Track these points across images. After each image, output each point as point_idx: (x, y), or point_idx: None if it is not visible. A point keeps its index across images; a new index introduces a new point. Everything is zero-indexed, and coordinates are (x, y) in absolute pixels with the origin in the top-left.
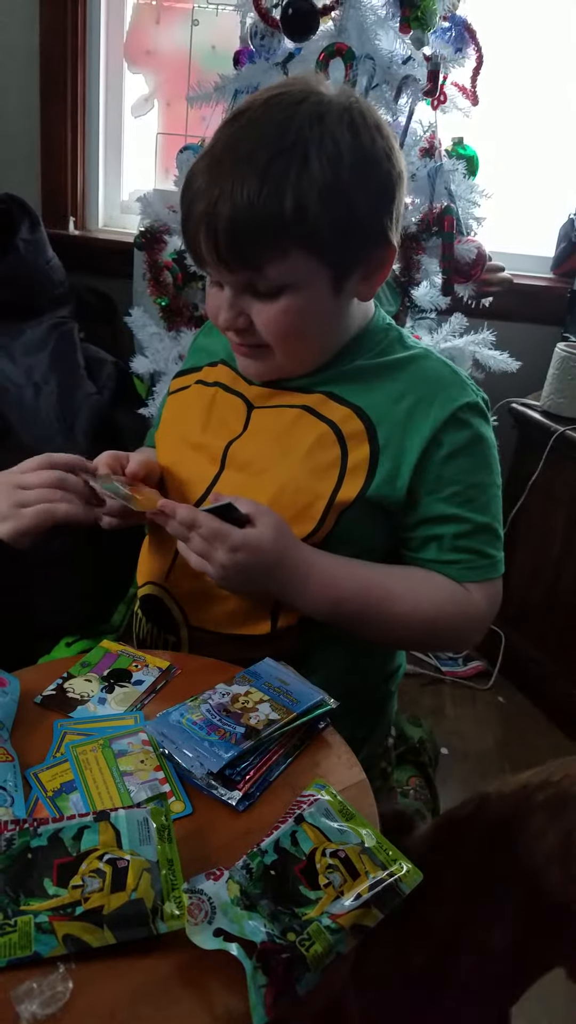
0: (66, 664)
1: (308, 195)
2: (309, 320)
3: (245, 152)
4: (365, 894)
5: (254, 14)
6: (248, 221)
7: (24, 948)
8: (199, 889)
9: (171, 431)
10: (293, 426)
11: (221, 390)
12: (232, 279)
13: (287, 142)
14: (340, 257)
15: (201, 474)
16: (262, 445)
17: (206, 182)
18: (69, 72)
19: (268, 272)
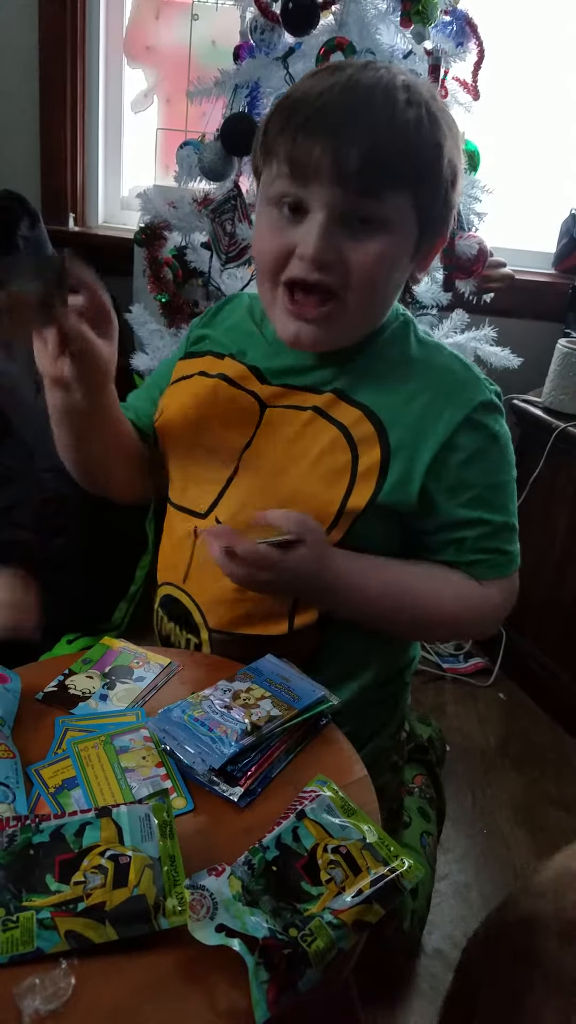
0: (67, 661)
1: (438, 145)
2: (391, 271)
3: (387, 85)
4: (367, 890)
5: (254, 9)
6: (391, 145)
7: (26, 944)
8: (201, 885)
9: (180, 425)
10: (304, 429)
11: (225, 384)
12: (337, 199)
13: (414, 95)
14: (431, 219)
15: (215, 475)
16: (275, 448)
17: (340, 97)
18: (68, 68)
19: (382, 200)
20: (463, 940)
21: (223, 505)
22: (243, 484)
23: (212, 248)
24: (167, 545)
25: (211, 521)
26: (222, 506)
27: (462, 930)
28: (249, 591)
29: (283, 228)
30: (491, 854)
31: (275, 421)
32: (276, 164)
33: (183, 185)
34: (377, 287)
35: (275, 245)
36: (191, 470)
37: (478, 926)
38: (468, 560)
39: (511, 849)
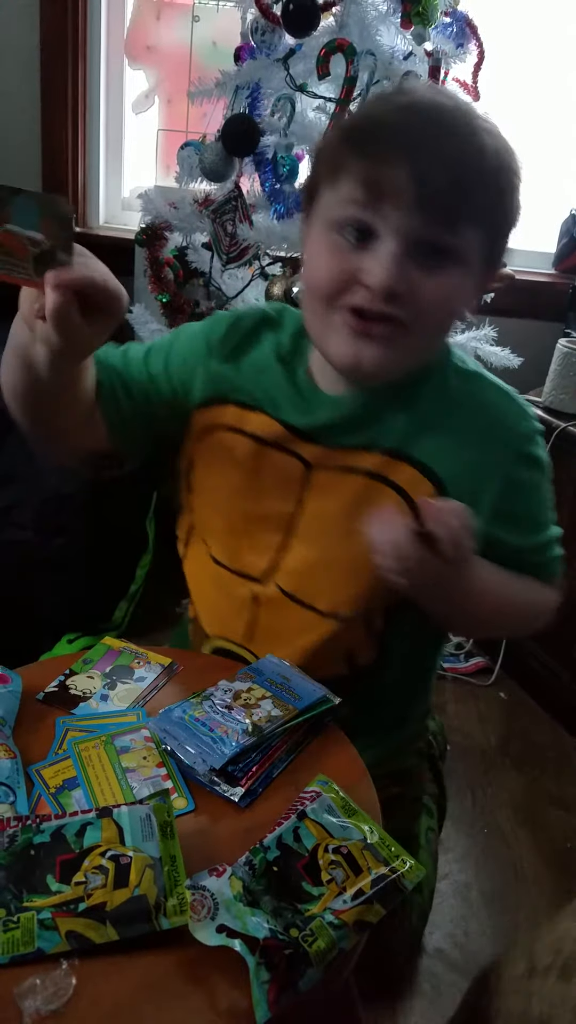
0: (68, 661)
1: (514, 181)
2: (459, 306)
3: (467, 113)
4: (368, 890)
5: (255, 10)
6: (476, 176)
7: (27, 944)
8: (202, 885)
9: (218, 489)
10: (362, 496)
11: (270, 450)
12: (415, 231)
13: (489, 125)
14: (494, 254)
15: (265, 541)
16: (333, 515)
17: (423, 120)
18: (70, 68)
19: (459, 232)
20: (464, 939)
21: (283, 572)
22: (301, 550)
23: (213, 248)
24: (218, 601)
25: (272, 587)
26: (282, 573)
27: (463, 929)
28: (316, 650)
29: (347, 253)
30: (491, 853)
31: (326, 485)
32: (345, 185)
33: (184, 186)
34: (444, 322)
35: (337, 270)
36: (237, 534)
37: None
38: (527, 571)
39: (511, 848)
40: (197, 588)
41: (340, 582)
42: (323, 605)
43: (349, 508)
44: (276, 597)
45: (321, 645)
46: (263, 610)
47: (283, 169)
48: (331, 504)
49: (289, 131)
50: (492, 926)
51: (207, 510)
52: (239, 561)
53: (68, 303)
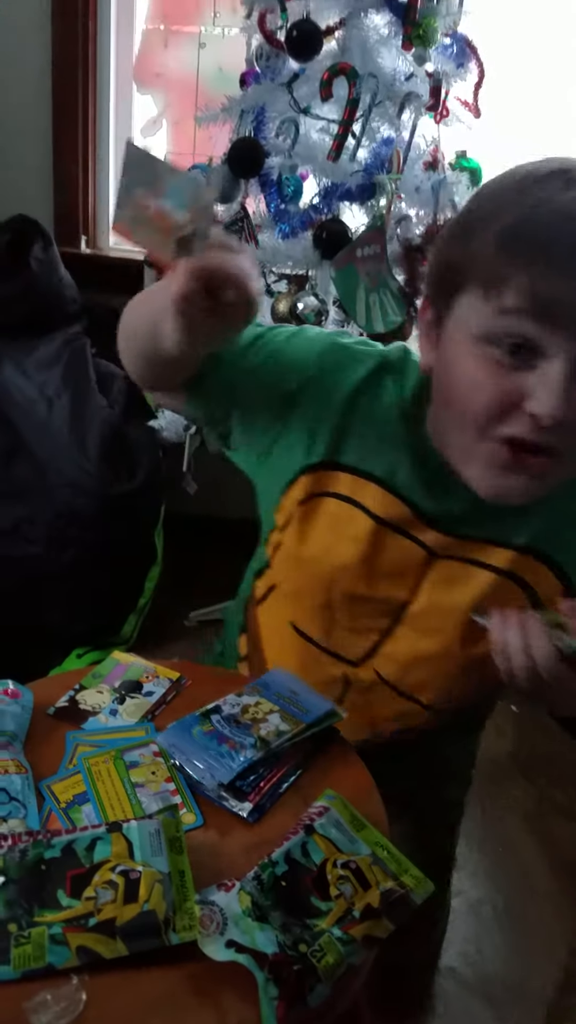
0: (78, 675)
1: None
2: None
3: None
4: (376, 905)
5: (259, 36)
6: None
7: (38, 959)
8: (211, 900)
9: (314, 566)
10: (489, 593)
11: (386, 531)
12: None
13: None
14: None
15: (367, 624)
16: (449, 614)
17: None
18: (80, 94)
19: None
20: (476, 957)
21: (384, 658)
22: (410, 639)
23: None
24: (298, 671)
25: (368, 672)
26: (383, 659)
27: (475, 947)
28: (404, 732)
29: (506, 372)
30: (502, 868)
31: (449, 577)
32: (510, 296)
33: None
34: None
35: (496, 394)
36: (334, 610)
37: None
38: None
39: (523, 862)
40: (269, 643)
41: (451, 677)
42: (426, 697)
43: (473, 604)
44: (372, 682)
45: (410, 727)
46: (353, 692)
47: (288, 190)
48: (453, 597)
49: (293, 152)
50: (505, 944)
51: (300, 578)
52: (332, 640)
53: (194, 292)
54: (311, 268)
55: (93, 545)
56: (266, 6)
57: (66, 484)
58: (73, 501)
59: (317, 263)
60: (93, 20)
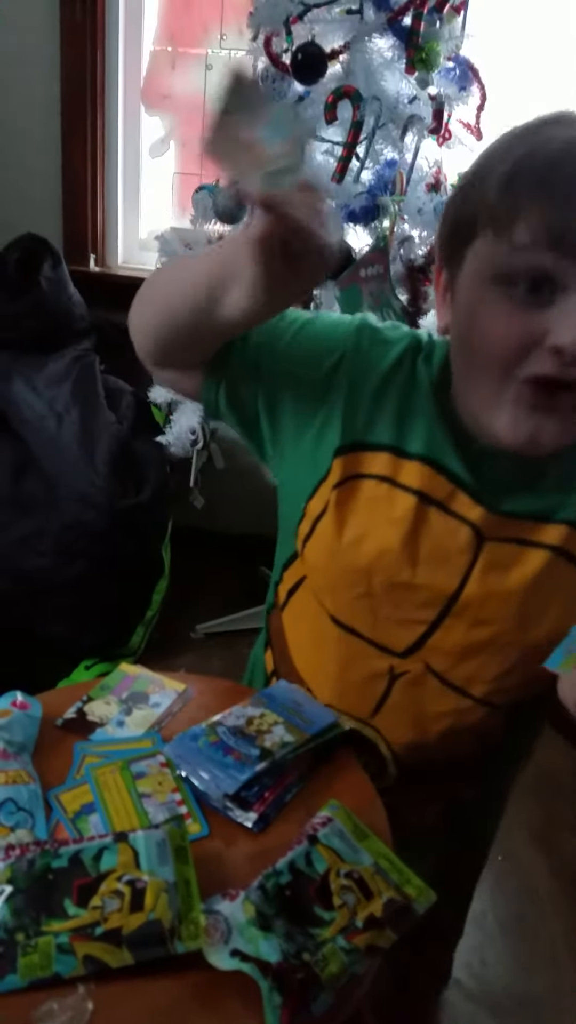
0: (86, 687)
1: None
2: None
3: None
4: (379, 914)
5: (265, 59)
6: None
7: (45, 968)
8: (216, 909)
9: (353, 552)
10: (542, 577)
11: (433, 510)
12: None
13: None
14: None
15: (415, 615)
16: (504, 601)
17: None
18: (89, 116)
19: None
20: (480, 969)
21: (432, 650)
22: (460, 632)
23: None
24: (336, 670)
25: (418, 664)
26: (430, 651)
27: (479, 958)
28: (452, 736)
29: (524, 310)
30: (508, 880)
31: (499, 561)
32: (521, 230)
33: (199, 227)
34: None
35: (514, 332)
36: (377, 599)
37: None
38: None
39: (528, 875)
40: (300, 646)
41: (506, 669)
42: (478, 691)
43: (529, 588)
44: (420, 675)
45: (460, 729)
46: (400, 686)
47: None
48: (507, 582)
49: None
50: (509, 955)
51: (337, 568)
52: (378, 631)
53: (276, 235)
54: (316, 288)
55: (101, 558)
56: (272, 29)
57: (75, 498)
58: (82, 515)
59: (322, 283)
60: (101, 42)
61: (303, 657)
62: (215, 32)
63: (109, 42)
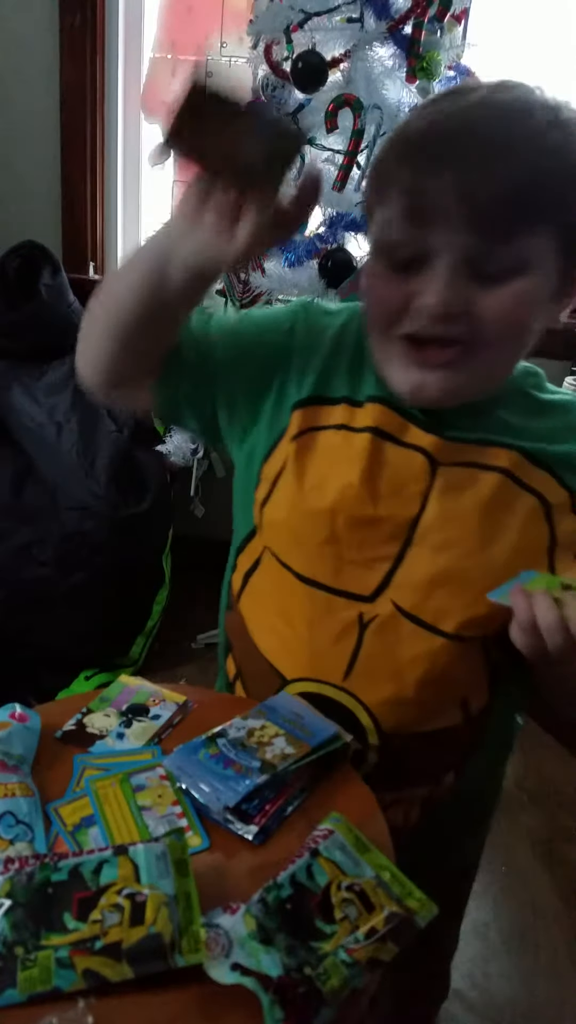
0: (86, 699)
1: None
2: (530, 317)
3: (524, 105)
4: (381, 928)
5: (265, 67)
6: (532, 179)
7: (44, 983)
8: (216, 923)
9: (315, 498)
10: (497, 497)
11: (384, 442)
12: (468, 249)
13: (560, 116)
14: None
15: (379, 552)
16: (462, 521)
17: (469, 122)
18: (89, 123)
19: (514, 245)
20: (482, 980)
21: (398, 587)
22: (423, 561)
23: (227, 295)
24: (306, 631)
25: (385, 605)
26: (397, 588)
27: (481, 970)
28: (431, 686)
29: (398, 278)
30: (509, 891)
31: (454, 484)
32: (392, 204)
33: None
34: (514, 338)
35: (390, 296)
36: (340, 544)
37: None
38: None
39: (530, 886)
40: (263, 627)
41: (473, 597)
42: (449, 626)
43: (486, 508)
44: (390, 617)
45: (437, 676)
46: (370, 635)
47: None
48: (463, 502)
49: None
50: (511, 967)
51: (301, 517)
52: (343, 578)
53: (266, 226)
54: (317, 296)
55: (101, 568)
56: (272, 37)
57: (75, 507)
58: (82, 524)
59: (322, 291)
60: (101, 48)
61: (269, 635)
62: (215, 40)
63: (109, 49)
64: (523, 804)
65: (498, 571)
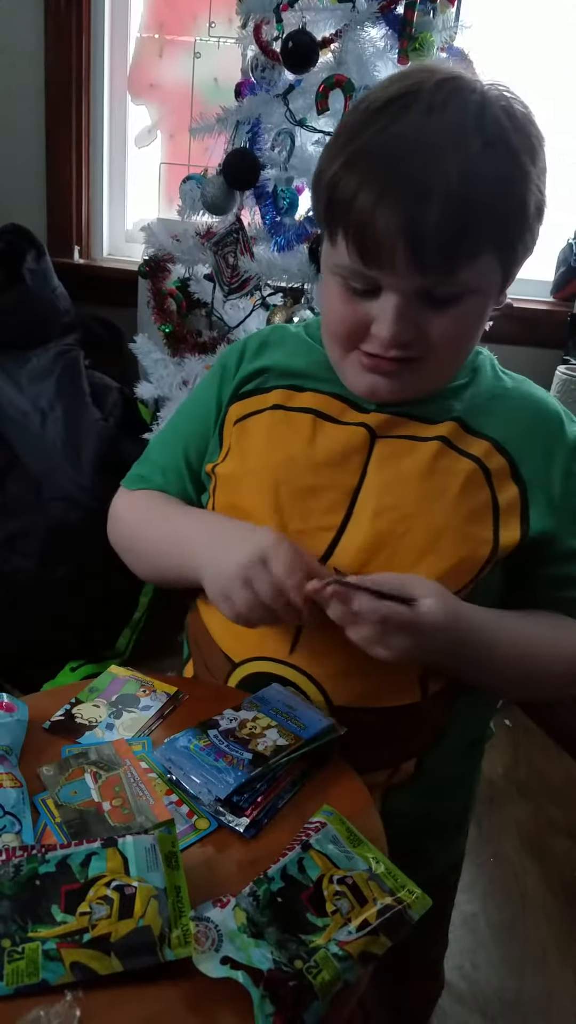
0: (74, 690)
1: (522, 193)
2: (477, 328)
3: (448, 140)
4: (373, 921)
5: (255, 47)
6: (464, 219)
7: (31, 976)
8: (206, 917)
9: (258, 470)
10: (436, 463)
11: (323, 421)
12: (414, 284)
13: (490, 132)
14: (516, 261)
15: (324, 521)
16: (402, 485)
17: (398, 174)
18: (74, 105)
19: (460, 275)
20: (471, 971)
21: (342, 554)
22: (365, 528)
23: (215, 280)
24: None
25: (329, 573)
26: (341, 555)
27: (470, 961)
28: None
29: (355, 300)
30: (499, 883)
31: (392, 455)
32: (342, 239)
33: (186, 218)
34: (461, 348)
35: (348, 317)
36: (284, 516)
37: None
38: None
39: (519, 878)
40: (217, 613)
41: (412, 559)
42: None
43: (424, 473)
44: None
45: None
46: (315, 605)
47: (283, 202)
48: (402, 468)
49: (289, 165)
50: (500, 958)
51: (245, 490)
52: None
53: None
54: (307, 281)
55: (87, 559)
56: (262, 17)
57: (60, 498)
58: (67, 515)
59: (313, 276)
60: (87, 28)
61: (219, 617)
62: (204, 19)
63: (95, 29)
64: (512, 796)
65: (438, 532)
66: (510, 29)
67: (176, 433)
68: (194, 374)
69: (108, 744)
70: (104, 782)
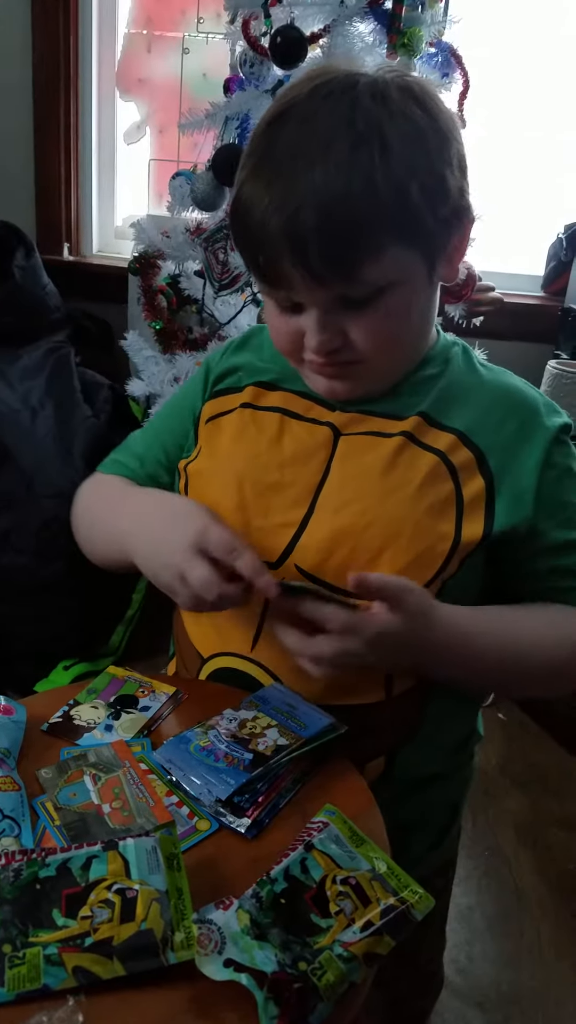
0: (72, 691)
1: (400, 181)
2: (410, 319)
3: (315, 150)
4: (377, 921)
5: (243, 43)
6: (341, 224)
7: (33, 981)
8: (209, 919)
9: (225, 468)
10: (397, 458)
11: (290, 419)
12: (323, 295)
13: (359, 129)
14: (434, 242)
15: (284, 518)
16: (363, 481)
17: (274, 194)
18: (62, 100)
19: (365, 276)
20: (467, 964)
21: (303, 549)
22: (326, 524)
23: (205, 276)
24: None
25: (290, 570)
26: (302, 551)
27: (466, 954)
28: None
29: (286, 315)
30: (494, 876)
31: (355, 451)
32: (253, 269)
33: (176, 214)
34: (398, 340)
35: (285, 334)
36: (247, 512)
37: None
38: (567, 586)
39: (514, 870)
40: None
41: (371, 554)
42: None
43: (384, 467)
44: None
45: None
46: (274, 603)
47: None
48: (364, 463)
49: None
50: (495, 950)
51: (211, 487)
52: (249, 542)
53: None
54: None
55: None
56: (250, 12)
57: (53, 494)
58: (60, 511)
59: None
60: (75, 24)
61: (190, 615)
62: (192, 15)
63: (83, 24)
64: (507, 789)
65: (397, 527)
66: (499, 24)
67: (157, 426)
68: (185, 371)
69: (107, 746)
70: (104, 784)
